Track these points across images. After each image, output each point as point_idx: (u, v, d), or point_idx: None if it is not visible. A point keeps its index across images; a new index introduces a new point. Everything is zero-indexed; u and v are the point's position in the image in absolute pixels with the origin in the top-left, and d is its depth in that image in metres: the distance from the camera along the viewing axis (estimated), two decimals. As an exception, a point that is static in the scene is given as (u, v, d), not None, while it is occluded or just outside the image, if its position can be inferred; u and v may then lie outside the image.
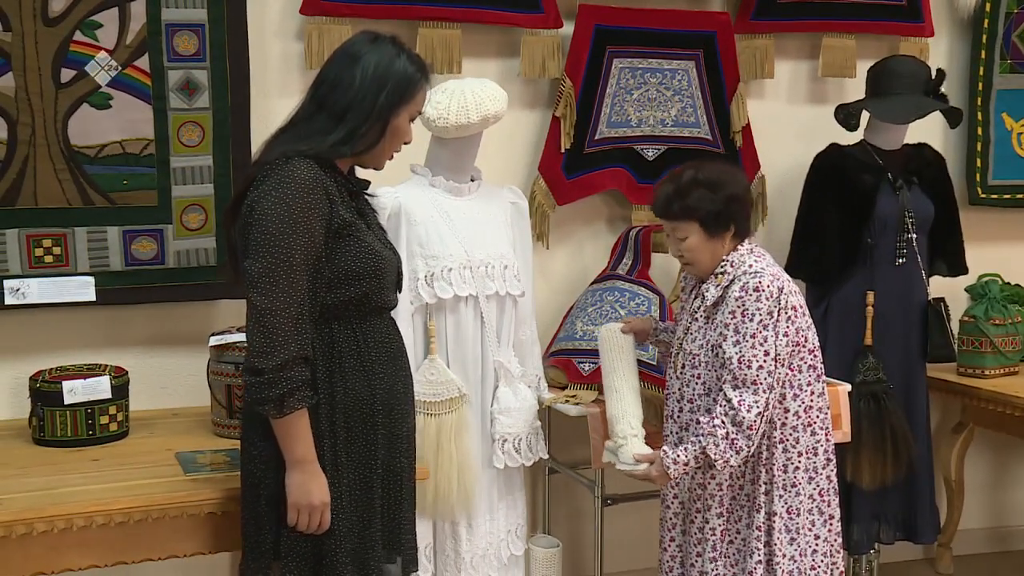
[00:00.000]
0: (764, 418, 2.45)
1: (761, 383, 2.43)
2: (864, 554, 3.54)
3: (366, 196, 2.31)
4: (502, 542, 2.99)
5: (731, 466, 2.46)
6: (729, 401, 2.43)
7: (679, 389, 2.62)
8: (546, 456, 3.12)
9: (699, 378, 2.56)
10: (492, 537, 2.95)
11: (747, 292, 2.46)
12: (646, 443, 2.65)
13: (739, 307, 2.46)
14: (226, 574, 3.23)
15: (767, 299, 2.45)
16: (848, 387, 3.17)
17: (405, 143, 2.26)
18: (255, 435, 2.16)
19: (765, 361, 2.43)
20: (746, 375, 2.43)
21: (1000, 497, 4.21)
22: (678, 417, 2.64)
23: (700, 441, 2.45)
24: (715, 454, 2.43)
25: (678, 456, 2.46)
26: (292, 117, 2.21)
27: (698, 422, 2.49)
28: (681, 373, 2.61)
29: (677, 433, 2.63)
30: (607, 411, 2.71)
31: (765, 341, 2.44)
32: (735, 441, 2.42)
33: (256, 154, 2.22)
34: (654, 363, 3.05)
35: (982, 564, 4.05)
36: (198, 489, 2.39)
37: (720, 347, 2.48)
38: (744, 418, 2.42)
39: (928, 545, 3.85)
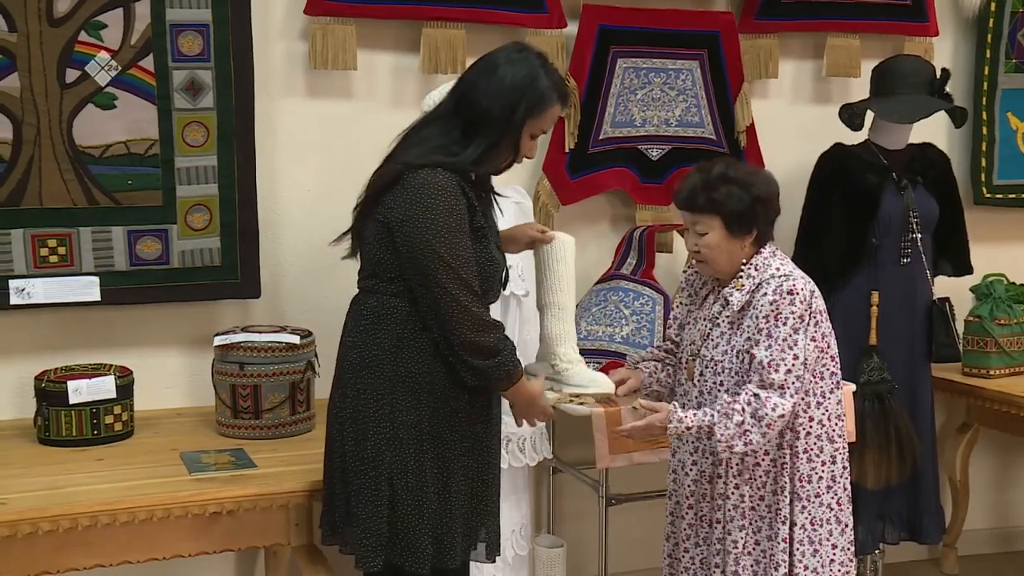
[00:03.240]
0: (785, 421, 2.38)
1: (789, 387, 2.35)
2: (869, 554, 3.54)
3: (494, 196, 2.41)
4: (507, 542, 2.98)
5: (733, 453, 2.37)
6: (757, 396, 2.35)
7: (696, 396, 2.52)
8: (550, 456, 3.12)
9: (722, 385, 2.45)
10: (496, 537, 2.95)
11: (781, 295, 2.37)
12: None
13: (773, 311, 2.37)
14: (231, 574, 3.24)
15: (800, 303, 2.37)
16: (852, 387, 3.17)
17: (528, 157, 2.32)
18: (336, 396, 2.27)
19: (794, 365, 2.36)
20: (774, 379, 2.34)
21: (1005, 497, 4.20)
22: None
23: (714, 416, 2.35)
24: (721, 434, 2.33)
25: (685, 417, 2.37)
26: (431, 113, 2.31)
27: (717, 398, 2.41)
28: (700, 380, 2.50)
29: (694, 441, 2.53)
30: (545, 328, 2.45)
31: (796, 344, 2.36)
32: (748, 432, 2.34)
33: (393, 144, 2.30)
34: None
35: (987, 564, 4.04)
36: (203, 489, 2.40)
37: (750, 352, 2.39)
38: (766, 415, 2.32)
39: (933, 545, 3.84)
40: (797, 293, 2.38)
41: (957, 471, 3.87)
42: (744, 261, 2.46)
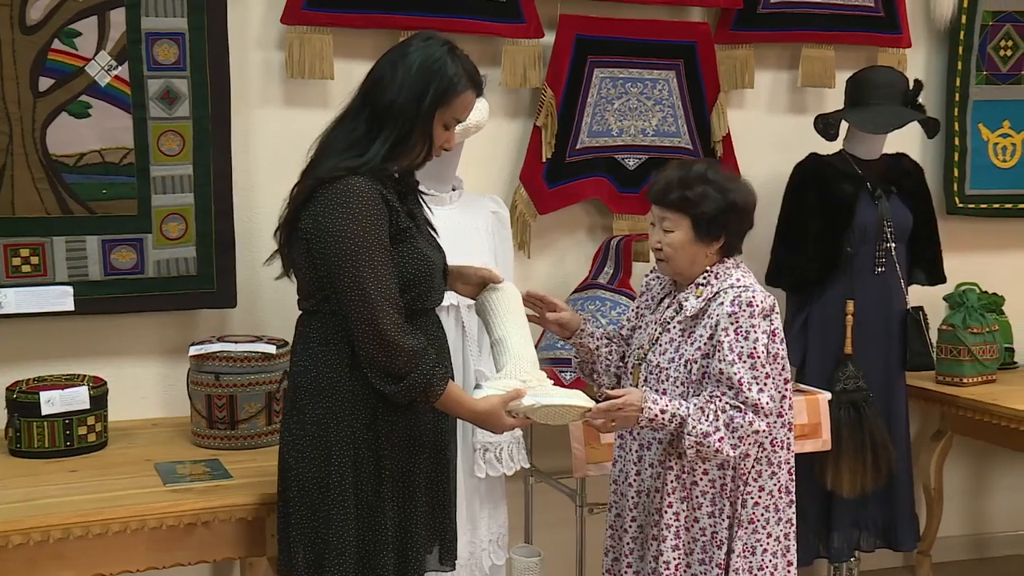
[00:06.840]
0: (759, 438, 2.30)
1: (763, 407, 2.26)
2: (844, 562, 3.56)
3: (419, 194, 2.33)
4: (484, 552, 2.98)
5: (700, 453, 2.24)
6: (736, 407, 2.24)
7: None
8: (527, 465, 3.12)
9: (665, 393, 2.35)
10: (474, 547, 2.95)
11: (740, 307, 2.28)
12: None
13: (732, 322, 2.27)
14: (206, 585, 3.22)
15: (763, 317, 2.29)
16: (828, 395, 3.19)
17: (445, 149, 2.24)
18: (292, 422, 2.21)
19: (766, 384, 2.27)
20: (748, 397, 2.25)
21: (979, 504, 4.23)
22: (637, 433, 2.44)
23: (689, 408, 2.24)
24: (693, 427, 2.22)
25: (659, 398, 2.26)
26: (341, 113, 2.22)
27: (698, 394, 2.30)
28: (644, 386, 2.39)
29: (637, 451, 2.44)
30: (514, 350, 2.29)
31: (775, 359, 2.30)
32: (722, 439, 2.23)
33: (309, 153, 2.23)
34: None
35: (961, 571, 4.07)
36: (178, 500, 2.38)
37: (700, 362, 2.31)
38: (741, 426, 2.23)
39: (908, 553, 3.87)
40: (756, 305, 2.29)
41: (931, 478, 3.89)
42: (708, 268, 2.39)
